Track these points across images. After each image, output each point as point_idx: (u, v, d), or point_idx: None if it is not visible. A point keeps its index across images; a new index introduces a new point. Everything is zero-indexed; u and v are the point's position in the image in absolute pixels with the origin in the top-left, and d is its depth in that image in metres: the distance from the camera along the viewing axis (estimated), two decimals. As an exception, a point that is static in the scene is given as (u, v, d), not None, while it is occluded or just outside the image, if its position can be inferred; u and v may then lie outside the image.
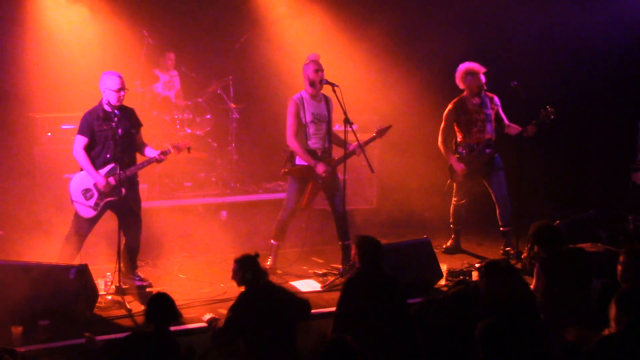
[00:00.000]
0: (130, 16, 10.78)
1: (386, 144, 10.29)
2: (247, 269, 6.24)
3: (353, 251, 6.56)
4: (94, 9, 10.63)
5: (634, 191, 10.02)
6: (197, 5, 11.55)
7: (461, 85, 8.84)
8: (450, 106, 8.89)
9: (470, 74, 8.75)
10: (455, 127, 8.93)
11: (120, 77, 7.60)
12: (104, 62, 9.81)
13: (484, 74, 8.75)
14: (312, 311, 6.79)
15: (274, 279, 8.25)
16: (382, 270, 6.39)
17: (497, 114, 8.92)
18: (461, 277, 8.27)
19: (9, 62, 10.32)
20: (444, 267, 8.22)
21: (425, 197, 10.91)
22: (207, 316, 6.61)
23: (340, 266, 8.31)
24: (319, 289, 8.01)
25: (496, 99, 8.91)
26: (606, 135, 11.27)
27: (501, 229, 8.99)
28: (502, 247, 9.02)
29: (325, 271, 8.45)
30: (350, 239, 8.45)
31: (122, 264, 7.75)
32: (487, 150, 8.83)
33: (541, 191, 10.94)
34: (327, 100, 8.34)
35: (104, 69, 7.80)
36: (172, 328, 6.57)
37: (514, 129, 8.81)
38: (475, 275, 8.12)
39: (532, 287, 6.64)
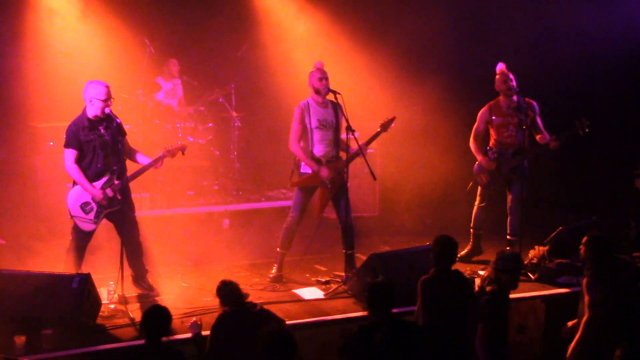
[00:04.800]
0: (132, 25, 10.79)
1: (388, 150, 10.32)
2: (226, 297, 6.18)
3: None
4: (95, 18, 10.63)
5: (637, 197, 10.00)
6: (198, 14, 11.57)
7: (497, 88, 8.83)
8: (485, 107, 8.88)
9: (501, 75, 8.75)
10: (490, 129, 8.92)
11: (107, 86, 7.48)
12: (105, 71, 9.82)
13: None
14: (316, 319, 6.79)
15: (276, 286, 8.27)
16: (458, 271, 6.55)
17: (534, 121, 8.81)
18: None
19: (10, 72, 10.33)
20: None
21: (428, 204, 10.92)
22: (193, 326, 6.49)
23: (343, 274, 8.30)
24: (322, 296, 7.99)
25: (535, 104, 8.81)
26: (609, 141, 11.25)
27: (508, 237, 8.96)
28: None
29: (328, 279, 8.43)
30: (355, 247, 8.45)
31: (131, 271, 7.78)
32: (517, 156, 8.78)
33: (544, 198, 10.92)
34: (334, 107, 8.31)
35: (106, 78, 7.76)
36: (173, 337, 6.60)
37: (544, 137, 8.71)
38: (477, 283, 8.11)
39: (585, 304, 6.33)
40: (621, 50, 11.12)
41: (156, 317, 5.69)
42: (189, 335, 6.67)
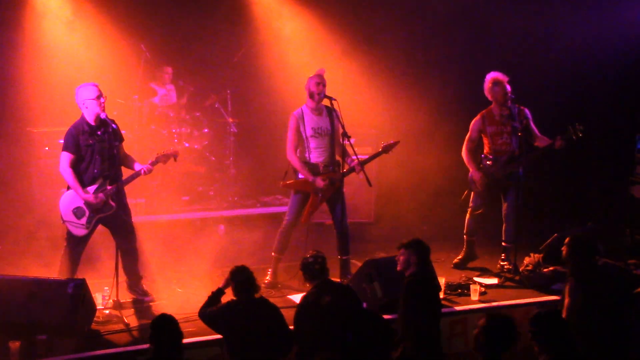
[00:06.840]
0: (128, 31, 10.77)
1: (384, 156, 10.29)
2: (238, 281, 6.31)
3: (403, 257, 6.58)
4: (90, 23, 10.63)
5: (632, 204, 10.00)
6: (194, 19, 11.55)
7: (489, 97, 8.84)
8: (477, 116, 8.90)
9: (501, 87, 8.74)
10: (484, 138, 8.93)
11: (95, 85, 7.55)
12: (101, 76, 9.78)
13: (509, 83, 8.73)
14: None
15: (271, 292, 8.26)
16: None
17: (528, 127, 8.80)
18: (459, 290, 8.26)
19: (6, 77, 10.32)
20: (442, 281, 8.18)
21: (423, 210, 10.92)
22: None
23: (338, 280, 8.29)
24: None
25: (527, 111, 8.82)
26: (604, 147, 11.26)
27: (503, 243, 8.98)
28: (499, 262, 9.01)
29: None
30: (350, 253, 8.45)
31: (125, 277, 7.77)
32: (511, 163, 8.78)
33: (539, 204, 10.93)
34: (329, 113, 8.32)
35: (102, 83, 7.76)
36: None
37: (543, 141, 8.74)
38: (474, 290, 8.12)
39: (564, 307, 6.46)
40: (617, 57, 11.13)
41: (165, 327, 5.65)
42: (188, 339, 6.70)
